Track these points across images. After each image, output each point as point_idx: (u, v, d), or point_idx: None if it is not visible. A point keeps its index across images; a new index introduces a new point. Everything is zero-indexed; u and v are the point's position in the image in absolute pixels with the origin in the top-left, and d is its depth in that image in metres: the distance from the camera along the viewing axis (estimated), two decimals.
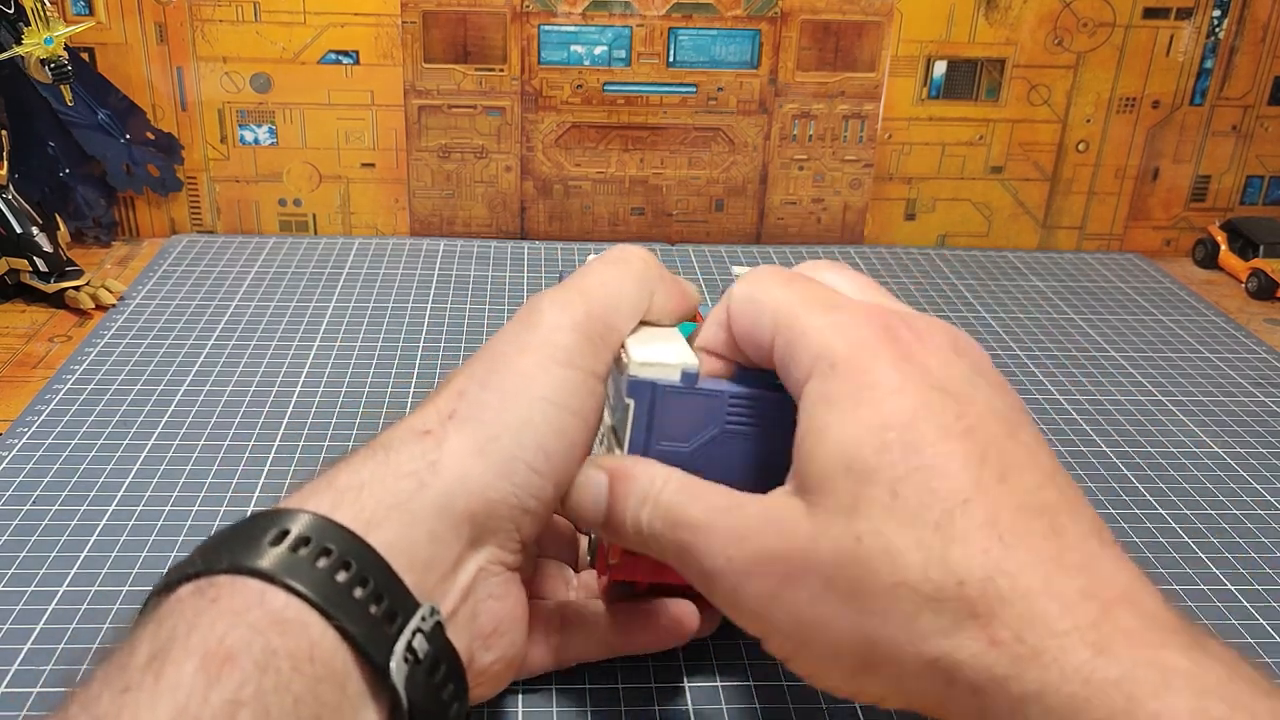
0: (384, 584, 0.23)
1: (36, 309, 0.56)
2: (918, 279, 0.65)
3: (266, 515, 0.24)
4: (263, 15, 0.62)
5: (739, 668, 0.33)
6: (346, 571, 0.23)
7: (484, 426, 0.26)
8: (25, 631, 0.33)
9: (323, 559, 0.23)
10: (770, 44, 0.64)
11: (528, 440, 0.26)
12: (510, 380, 0.27)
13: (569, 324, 0.28)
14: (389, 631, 0.23)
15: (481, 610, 0.27)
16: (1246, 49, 0.66)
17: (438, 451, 0.26)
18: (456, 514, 0.25)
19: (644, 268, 0.30)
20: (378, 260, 0.64)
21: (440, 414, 0.27)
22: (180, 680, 0.20)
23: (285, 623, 0.22)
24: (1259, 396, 0.52)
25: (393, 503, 0.25)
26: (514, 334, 0.28)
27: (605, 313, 0.29)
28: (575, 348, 0.28)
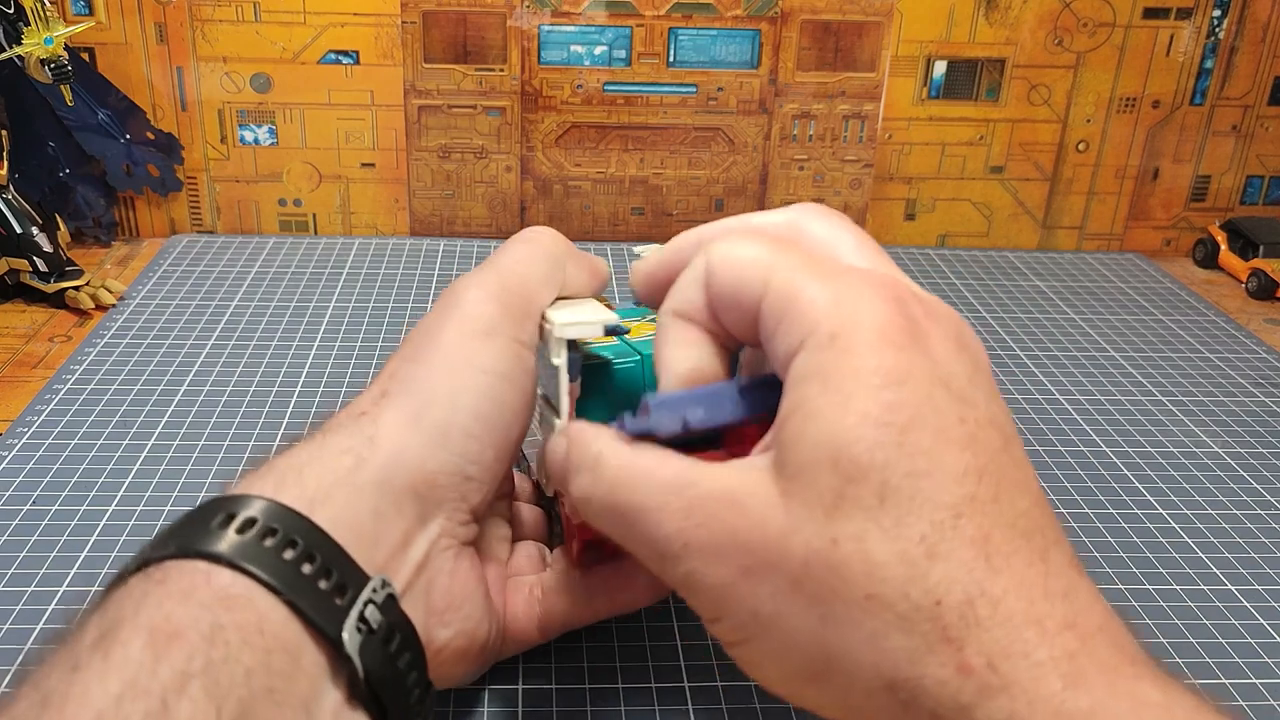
0: (331, 559, 0.24)
1: (36, 309, 0.56)
2: (918, 279, 0.65)
3: (213, 502, 0.24)
4: (263, 15, 0.62)
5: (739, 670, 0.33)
6: (293, 549, 0.23)
7: (416, 398, 0.27)
8: (25, 632, 0.33)
9: (269, 538, 0.23)
10: (770, 44, 0.64)
11: (461, 405, 0.27)
12: (437, 353, 0.28)
13: (485, 297, 0.29)
14: (340, 603, 0.23)
15: (435, 585, 0.27)
16: (1246, 49, 0.66)
17: (373, 427, 0.26)
18: (398, 488, 0.26)
19: (553, 245, 0.31)
20: (378, 260, 0.64)
21: (374, 395, 0.28)
22: (129, 656, 0.20)
23: (232, 599, 0.22)
24: (1259, 396, 0.52)
25: (333, 480, 0.25)
26: (436, 314, 0.29)
27: (520, 285, 0.30)
28: (495, 318, 0.29)
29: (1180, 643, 0.35)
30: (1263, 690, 0.34)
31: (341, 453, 0.26)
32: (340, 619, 0.23)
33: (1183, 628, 0.36)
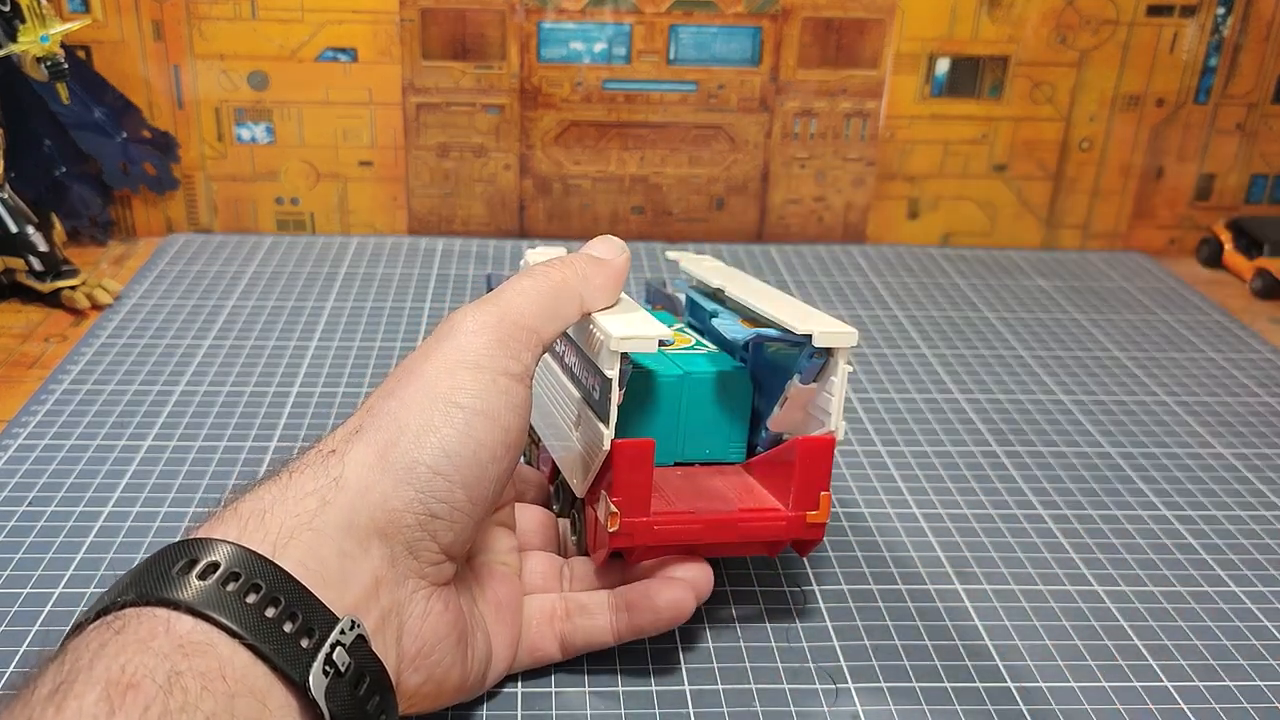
0: (297, 601, 0.23)
1: (32, 309, 0.56)
2: (920, 278, 0.64)
3: (174, 547, 0.24)
4: (260, 12, 0.61)
5: (739, 671, 0.33)
6: (256, 593, 0.23)
7: (385, 433, 0.27)
8: (22, 633, 0.33)
9: (231, 583, 0.23)
10: (771, 41, 0.64)
11: (429, 443, 0.26)
12: (414, 387, 0.27)
13: (479, 328, 0.28)
14: (306, 646, 0.23)
15: (406, 629, 0.26)
16: (1251, 46, 0.66)
17: (340, 467, 0.26)
18: (362, 528, 0.25)
19: (564, 277, 0.31)
20: (376, 259, 0.63)
21: (348, 431, 0.27)
22: (83, 710, 0.20)
23: (192, 645, 0.21)
24: (1263, 396, 0.52)
25: (297, 523, 0.24)
26: (425, 346, 0.29)
27: (520, 316, 0.29)
28: (484, 349, 0.28)
29: (1184, 644, 0.35)
30: (1266, 692, 0.33)
31: (306, 495, 0.25)
32: (307, 662, 0.23)
33: (1187, 629, 0.36)
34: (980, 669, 0.34)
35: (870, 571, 0.38)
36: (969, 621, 0.36)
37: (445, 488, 0.26)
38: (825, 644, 0.34)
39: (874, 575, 0.38)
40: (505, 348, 0.28)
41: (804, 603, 0.36)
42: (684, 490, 0.33)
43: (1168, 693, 0.33)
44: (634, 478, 0.31)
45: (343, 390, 0.48)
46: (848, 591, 0.37)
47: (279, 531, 0.24)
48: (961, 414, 0.49)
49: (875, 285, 0.63)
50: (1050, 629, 0.36)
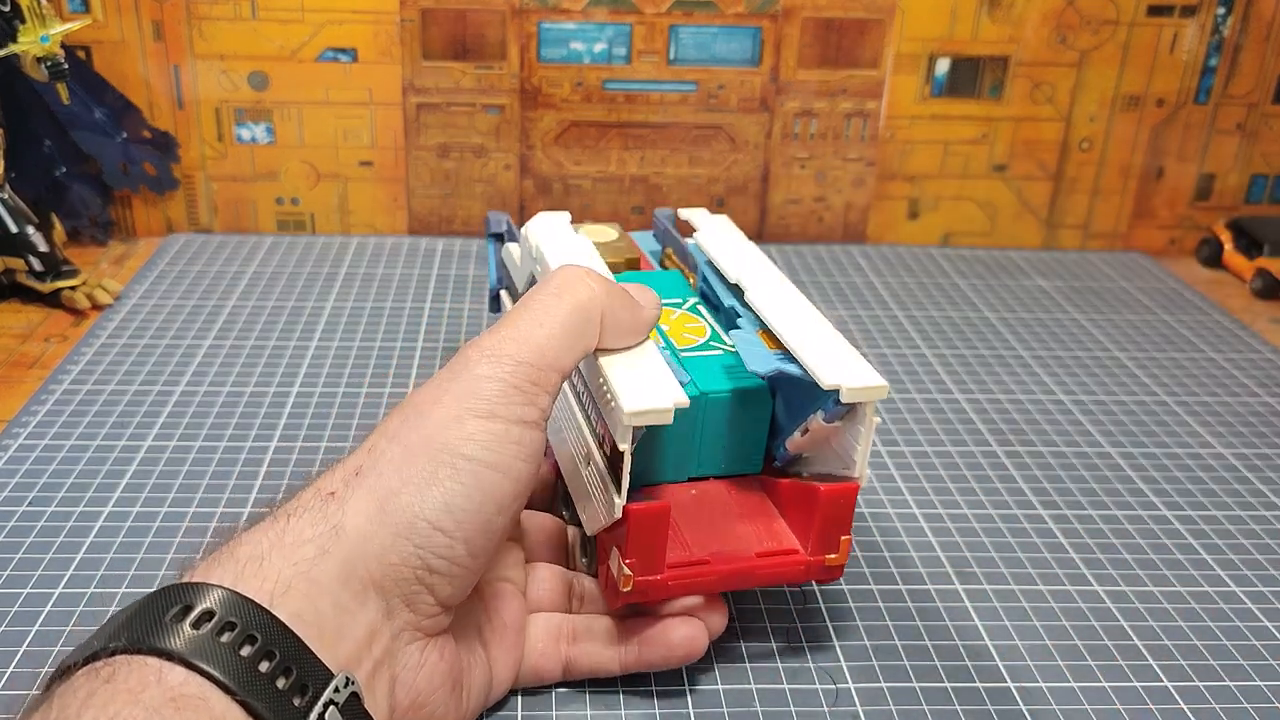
0: (292, 655, 0.22)
1: (32, 309, 0.56)
2: (921, 278, 0.64)
3: (169, 591, 0.23)
4: (260, 13, 0.61)
5: (740, 671, 0.33)
6: (251, 645, 0.22)
7: (386, 482, 0.25)
8: (21, 634, 0.33)
9: (226, 633, 0.22)
10: (771, 41, 0.64)
11: (431, 497, 0.25)
12: (420, 433, 0.26)
13: (493, 373, 0.27)
14: (299, 704, 0.22)
15: (400, 681, 0.26)
16: (1251, 46, 0.66)
17: (340, 514, 0.25)
18: (360, 580, 0.25)
19: (590, 298, 0.29)
20: (376, 259, 0.63)
21: (348, 472, 0.26)
22: None
23: (183, 699, 0.21)
24: (1263, 397, 0.52)
25: (294, 572, 0.24)
26: (437, 384, 0.27)
27: (537, 357, 0.27)
28: (498, 397, 0.26)
29: (1184, 644, 0.35)
30: (1266, 692, 0.33)
31: (304, 542, 0.24)
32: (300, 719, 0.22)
33: (1187, 629, 0.36)
34: (980, 669, 0.34)
35: (870, 571, 0.38)
36: (969, 621, 0.36)
37: (446, 544, 0.25)
38: (825, 644, 0.34)
39: (874, 575, 0.38)
40: (521, 393, 0.27)
41: (804, 603, 0.36)
42: (699, 525, 0.32)
43: (1168, 693, 0.33)
44: (648, 541, 0.29)
45: (343, 390, 0.48)
46: (848, 591, 0.37)
47: (276, 580, 0.23)
48: (961, 414, 0.49)
49: (875, 285, 0.63)
50: (1050, 629, 0.36)
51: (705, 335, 0.35)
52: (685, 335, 0.35)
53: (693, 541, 0.31)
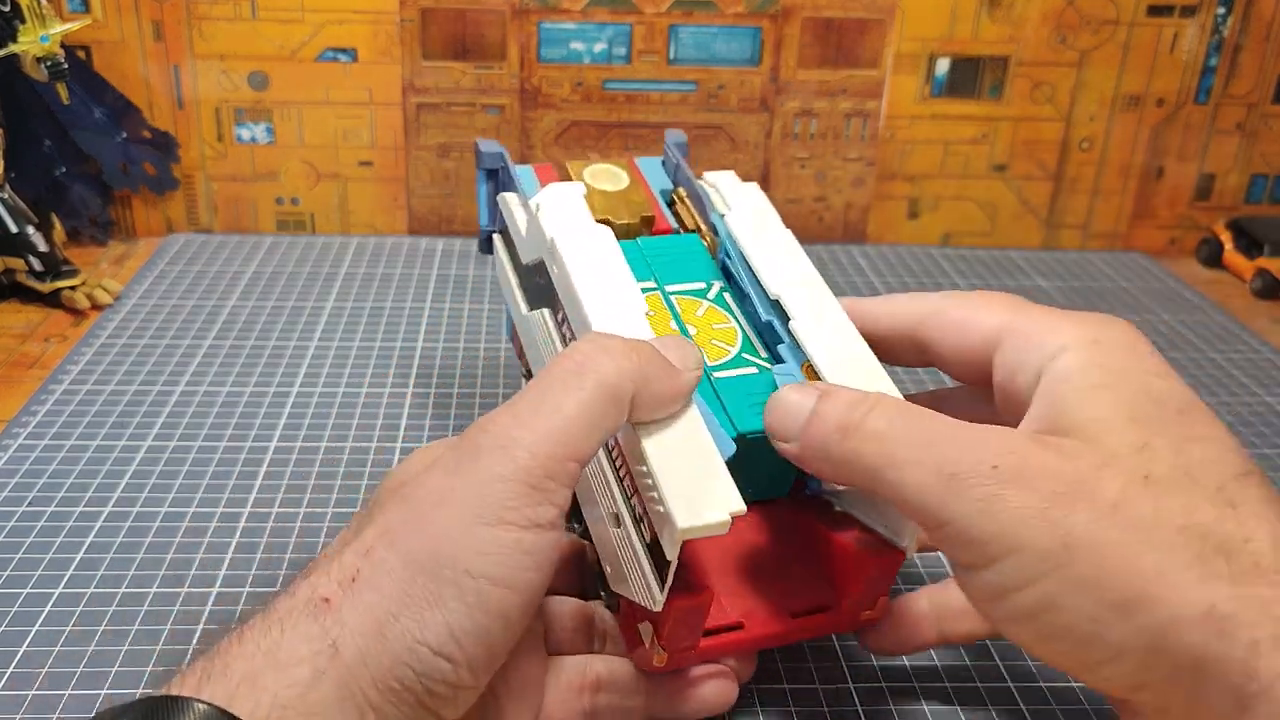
0: None
1: (32, 309, 0.56)
2: (921, 278, 0.64)
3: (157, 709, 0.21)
4: (260, 12, 0.61)
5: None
6: None
7: (385, 601, 0.23)
8: (21, 634, 0.33)
9: None
10: (771, 41, 0.64)
11: (434, 623, 0.23)
12: (422, 543, 0.23)
13: (504, 471, 0.24)
14: None
15: None
16: (1251, 46, 0.66)
17: (338, 629, 0.23)
18: (356, 706, 0.23)
19: (617, 377, 0.25)
20: (376, 259, 0.63)
21: (344, 575, 0.24)
22: None
23: None
24: (1264, 397, 0.52)
25: (290, 695, 0.22)
26: (441, 476, 0.25)
27: (555, 446, 0.24)
28: (510, 500, 0.24)
29: None
30: None
31: (300, 661, 0.22)
32: None
33: None
34: (980, 669, 0.34)
35: None
36: None
37: (448, 670, 0.23)
38: (826, 644, 0.34)
39: None
40: (536, 491, 0.24)
41: None
42: (729, 571, 0.30)
43: None
44: (688, 630, 0.27)
45: (343, 390, 0.48)
46: None
47: (270, 705, 0.22)
48: None
49: (875, 285, 0.63)
50: None
51: (736, 344, 0.33)
52: (714, 343, 0.33)
53: (725, 595, 0.30)
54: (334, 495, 0.41)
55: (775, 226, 0.36)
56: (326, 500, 0.40)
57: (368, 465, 0.43)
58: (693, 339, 0.32)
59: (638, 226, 0.37)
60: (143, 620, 0.34)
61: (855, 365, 0.30)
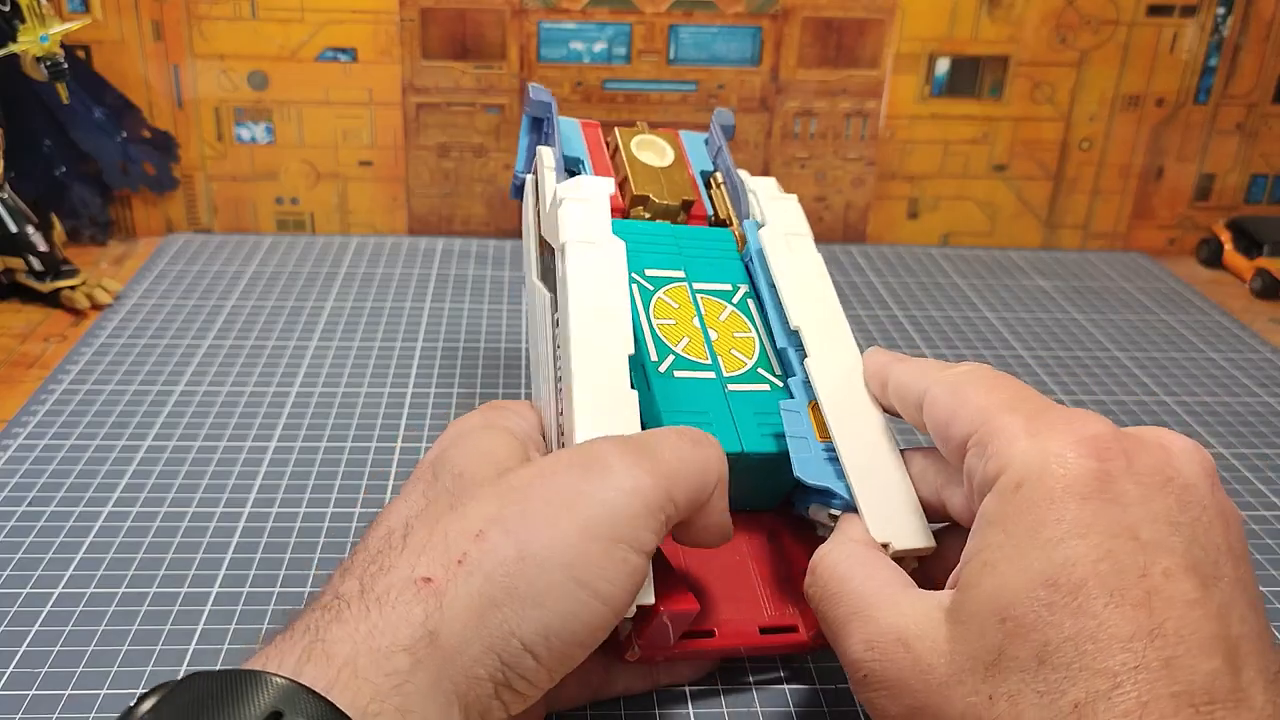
0: None
1: (32, 308, 0.56)
2: (920, 278, 0.64)
3: (255, 688, 0.21)
4: (260, 12, 0.61)
5: (740, 669, 0.33)
6: None
7: (491, 589, 0.23)
8: (21, 634, 0.33)
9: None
10: (771, 41, 0.64)
11: (532, 618, 0.23)
12: (540, 537, 0.24)
13: (634, 488, 0.24)
14: None
15: None
16: (1251, 46, 0.66)
17: (438, 616, 0.23)
18: (444, 694, 0.22)
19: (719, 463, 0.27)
20: (375, 259, 0.63)
21: (449, 556, 0.23)
22: None
23: None
24: (1263, 397, 0.52)
25: (389, 687, 0.22)
26: (567, 479, 0.25)
27: (671, 486, 0.25)
28: (631, 520, 0.24)
29: None
30: None
31: (398, 650, 0.22)
32: None
33: None
34: None
35: None
36: None
37: (531, 668, 0.23)
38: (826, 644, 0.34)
39: None
40: (652, 518, 0.24)
41: None
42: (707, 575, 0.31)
43: None
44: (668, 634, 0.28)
45: (342, 390, 0.48)
46: None
47: (371, 695, 0.21)
48: None
49: (875, 285, 0.63)
50: None
51: (753, 356, 0.33)
52: (733, 353, 0.32)
53: (703, 599, 0.30)
54: (334, 495, 0.41)
55: (807, 250, 0.35)
56: (326, 500, 0.40)
57: (367, 465, 0.43)
58: (713, 343, 0.32)
59: (677, 209, 0.37)
60: (143, 620, 0.34)
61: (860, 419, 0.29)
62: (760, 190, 0.37)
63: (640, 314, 0.32)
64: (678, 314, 0.31)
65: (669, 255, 0.34)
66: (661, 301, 0.33)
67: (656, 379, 0.31)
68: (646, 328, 0.32)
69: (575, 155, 0.38)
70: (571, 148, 0.38)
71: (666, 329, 0.32)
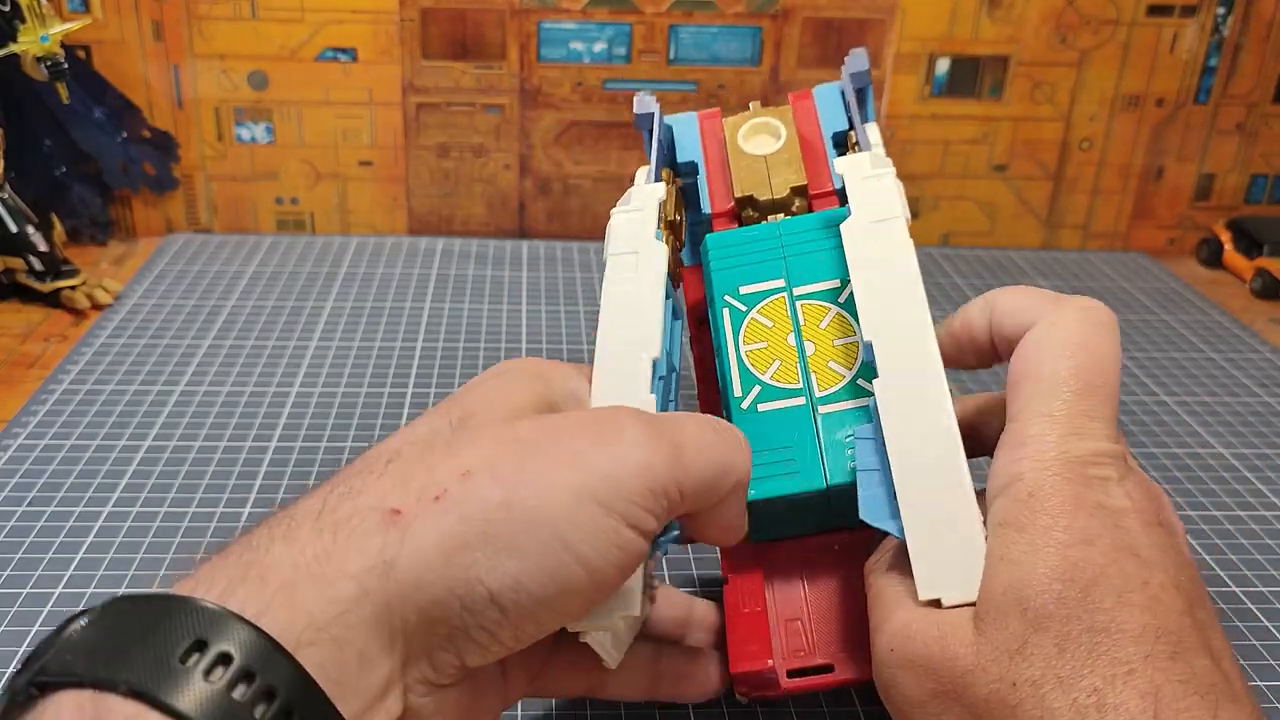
0: (308, 714, 0.20)
1: (32, 308, 0.56)
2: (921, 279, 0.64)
3: (179, 613, 0.19)
4: (260, 12, 0.61)
5: None
6: (267, 703, 0.19)
7: (467, 528, 0.21)
8: (21, 634, 0.33)
9: (241, 685, 0.19)
10: (772, 41, 0.64)
11: (503, 569, 0.21)
12: (530, 489, 0.22)
13: (642, 464, 0.23)
14: None
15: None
16: (1251, 46, 0.66)
17: (399, 547, 0.21)
18: (392, 629, 0.21)
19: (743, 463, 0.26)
20: (375, 259, 0.63)
21: (426, 491, 0.22)
22: None
23: None
24: (1263, 397, 0.52)
25: (330, 614, 0.20)
26: (574, 434, 0.23)
27: (683, 474, 0.24)
28: (631, 496, 0.23)
29: None
30: (1267, 693, 0.33)
31: (348, 576, 0.21)
32: None
33: None
34: None
35: None
36: None
37: (495, 620, 0.22)
38: None
39: None
40: (654, 499, 0.23)
41: None
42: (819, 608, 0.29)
43: None
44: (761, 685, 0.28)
45: (342, 390, 0.48)
46: None
47: (307, 622, 0.20)
48: None
49: None
50: None
51: (854, 364, 0.29)
52: (830, 367, 0.29)
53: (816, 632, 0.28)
54: None
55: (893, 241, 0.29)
56: None
57: None
58: (809, 359, 0.30)
59: (787, 199, 0.33)
60: None
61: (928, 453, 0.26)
62: (850, 171, 0.31)
63: (728, 343, 0.30)
64: (770, 334, 0.29)
65: (767, 263, 0.31)
66: (754, 323, 0.31)
67: (738, 415, 0.29)
68: (734, 358, 0.30)
69: (689, 159, 0.36)
70: (686, 152, 0.36)
71: (756, 355, 0.30)
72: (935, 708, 0.24)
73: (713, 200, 0.34)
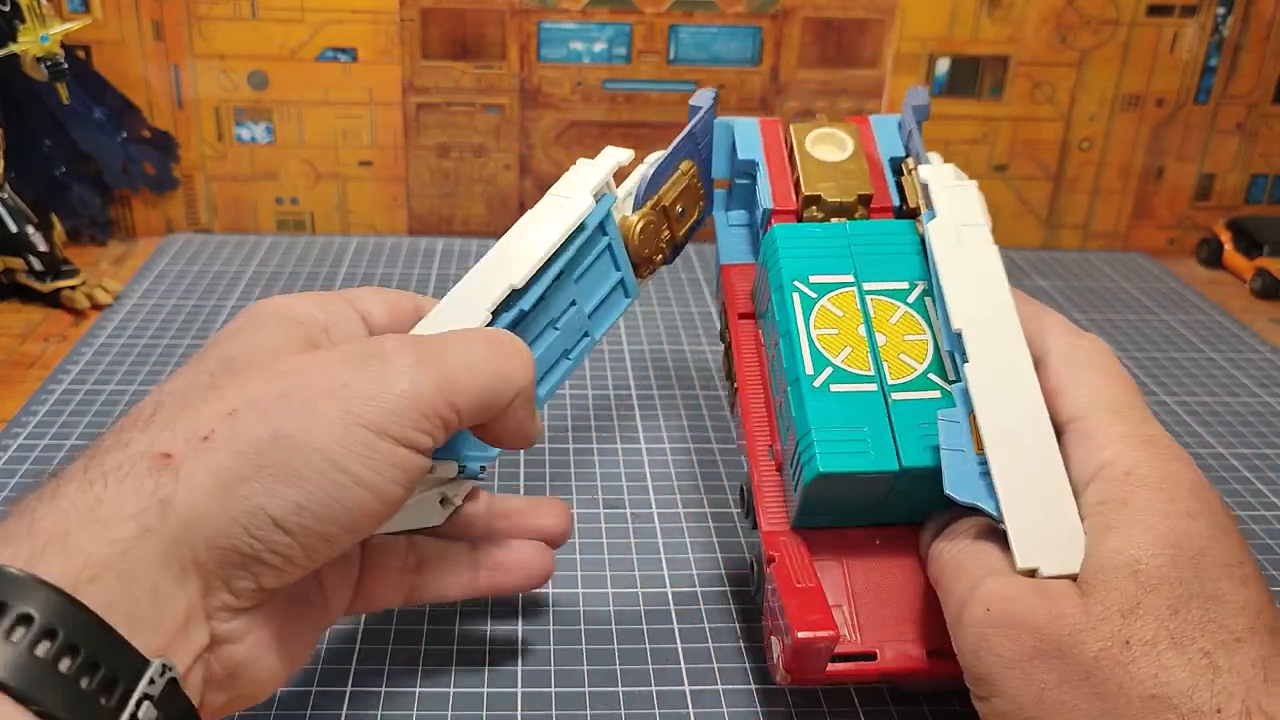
0: (100, 650, 0.20)
1: (32, 308, 0.56)
2: None
3: None
4: (260, 12, 0.61)
5: (739, 671, 0.33)
6: (50, 641, 0.19)
7: (240, 463, 0.22)
8: None
9: (20, 628, 0.19)
10: (772, 41, 0.64)
11: (284, 496, 0.22)
12: (296, 420, 0.23)
13: (406, 390, 0.24)
14: (106, 703, 0.20)
15: (217, 657, 0.24)
16: (1251, 46, 0.66)
17: (173, 486, 0.22)
18: (182, 562, 0.22)
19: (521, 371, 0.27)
20: (375, 259, 0.63)
21: (194, 433, 0.23)
22: None
23: None
24: (1263, 397, 0.52)
25: (108, 555, 0.21)
26: (339, 370, 0.24)
27: (452, 394, 0.25)
28: (400, 419, 0.24)
29: None
30: None
31: (125, 518, 0.21)
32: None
33: None
34: None
35: None
36: None
37: (284, 544, 0.23)
38: None
39: None
40: (425, 420, 0.24)
41: None
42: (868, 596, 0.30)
43: None
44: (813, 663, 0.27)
45: None
46: None
47: (84, 562, 0.20)
48: None
49: None
50: None
51: (925, 360, 0.30)
52: (901, 357, 0.30)
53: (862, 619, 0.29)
54: None
55: (979, 243, 0.32)
56: None
57: None
58: (880, 349, 0.31)
59: (852, 205, 0.35)
60: None
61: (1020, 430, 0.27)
62: (935, 179, 0.33)
63: (799, 325, 0.31)
64: (841, 322, 0.30)
65: (837, 258, 0.33)
66: (824, 310, 0.31)
67: (810, 394, 0.30)
68: (805, 340, 0.31)
69: (749, 158, 0.37)
70: (747, 150, 0.37)
71: (827, 339, 0.31)
72: (1034, 668, 0.24)
73: (775, 197, 0.35)
